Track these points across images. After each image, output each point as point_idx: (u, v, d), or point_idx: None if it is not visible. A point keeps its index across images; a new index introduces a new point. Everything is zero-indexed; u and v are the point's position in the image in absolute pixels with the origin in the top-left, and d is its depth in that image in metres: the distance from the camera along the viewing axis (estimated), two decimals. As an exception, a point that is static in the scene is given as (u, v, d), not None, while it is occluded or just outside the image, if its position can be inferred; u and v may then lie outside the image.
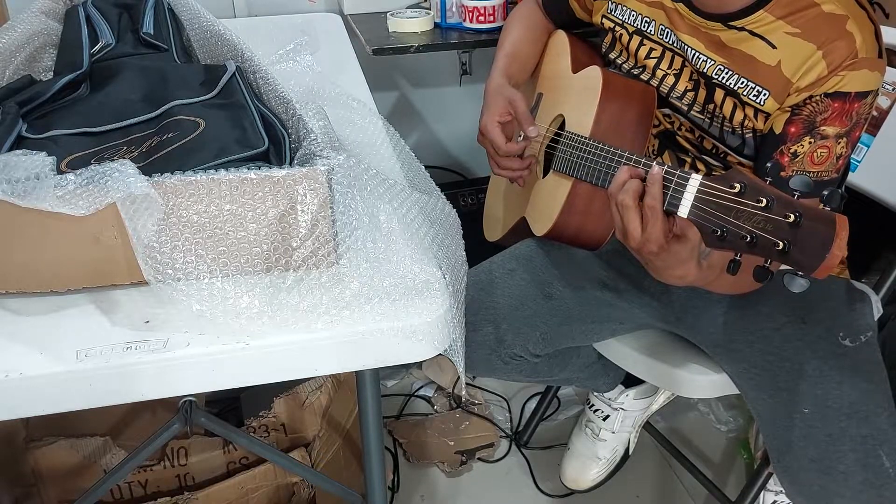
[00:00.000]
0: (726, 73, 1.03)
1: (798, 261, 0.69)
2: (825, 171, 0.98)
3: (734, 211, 0.73)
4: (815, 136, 0.97)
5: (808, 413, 1.05)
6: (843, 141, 0.97)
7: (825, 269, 0.68)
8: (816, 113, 0.96)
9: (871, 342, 1.10)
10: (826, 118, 0.96)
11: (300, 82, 1.16)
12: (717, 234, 0.74)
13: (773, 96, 0.99)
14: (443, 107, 2.07)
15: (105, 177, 0.67)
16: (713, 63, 1.04)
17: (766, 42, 0.99)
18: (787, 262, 0.70)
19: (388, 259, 0.77)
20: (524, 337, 1.21)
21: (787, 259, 0.70)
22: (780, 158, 0.99)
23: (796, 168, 0.98)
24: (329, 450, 1.33)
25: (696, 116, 1.09)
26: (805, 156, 0.98)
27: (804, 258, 0.69)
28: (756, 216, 0.72)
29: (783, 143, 0.99)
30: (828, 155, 0.97)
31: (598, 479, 1.58)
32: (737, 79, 1.02)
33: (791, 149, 0.98)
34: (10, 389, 0.66)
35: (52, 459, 1.20)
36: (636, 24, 1.14)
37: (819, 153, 0.97)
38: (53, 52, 1.14)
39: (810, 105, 0.97)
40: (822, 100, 0.96)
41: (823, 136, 0.97)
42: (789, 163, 0.98)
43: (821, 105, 0.96)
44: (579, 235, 1.13)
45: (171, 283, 0.70)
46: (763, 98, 1.00)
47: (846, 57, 0.94)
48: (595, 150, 1.04)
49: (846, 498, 1.02)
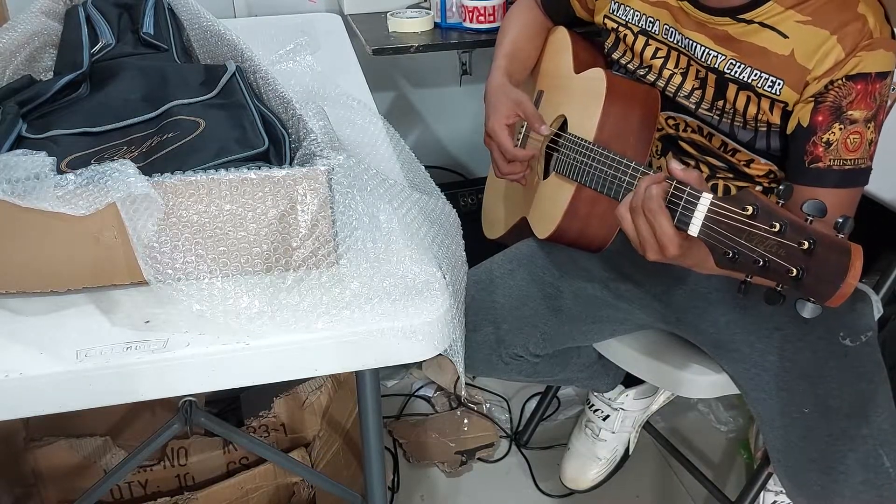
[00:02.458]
0: (739, 67, 1.02)
1: (812, 288, 0.69)
2: (861, 158, 0.98)
3: (746, 234, 0.73)
4: (844, 121, 0.96)
5: (809, 413, 1.05)
6: (871, 125, 0.97)
7: (840, 298, 0.68)
8: (841, 97, 0.96)
9: (872, 342, 1.10)
10: (851, 102, 0.96)
11: (300, 82, 1.16)
12: (729, 255, 0.74)
13: (789, 85, 0.99)
14: (443, 107, 2.07)
15: (105, 177, 0.67)
16: (724, 58, 1.04)
17: (777, 32, 0.99)
18: (800, 288, 0.69)
19: (388, 259, 0.77)
20: (524, 337, 1.21)
21: (801, 286, 0.69)
22: (814, 150, 0.98)
23: (832, 157, 0.97)
24: (329, 450, 1.33)
25: (705, 114, 1.09)
26: (839, 143, 0.97)
27: (818, 286, 0.68)
28: (769, 240, 0.71)
29: (814, 134, 0.98)
30: (860, 141, 0.97)
31: (597, 479, 1.58)
32: (750, 71, 1.02)
33: (823, 138, 0.97)
34: (10, 389, 0.66)
35: (52, 459, 1.20)
36: (640, 23, 1.14)
37: (852, 139, 0.97)
38: (53, 52, 1.14)
39: (833, 90, 0.96)
40: (844, 83, 0.96)
41: (852, 121, 0.96)
42: (824, 153, 0.98)
43: (844, 89, 0.96)
44: (581, 239, 1.13)
45: (171, 283, 0.70)
46: (778, 88, 1.00)
47: (861, 38, 0.94)
48: (599, 157, 1.04)
49: (846, 498, 1.02)
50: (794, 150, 1.01)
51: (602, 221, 1.10)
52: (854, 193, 1.00)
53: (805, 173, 0.99)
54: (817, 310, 0.70)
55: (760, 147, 1.07)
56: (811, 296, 0.69)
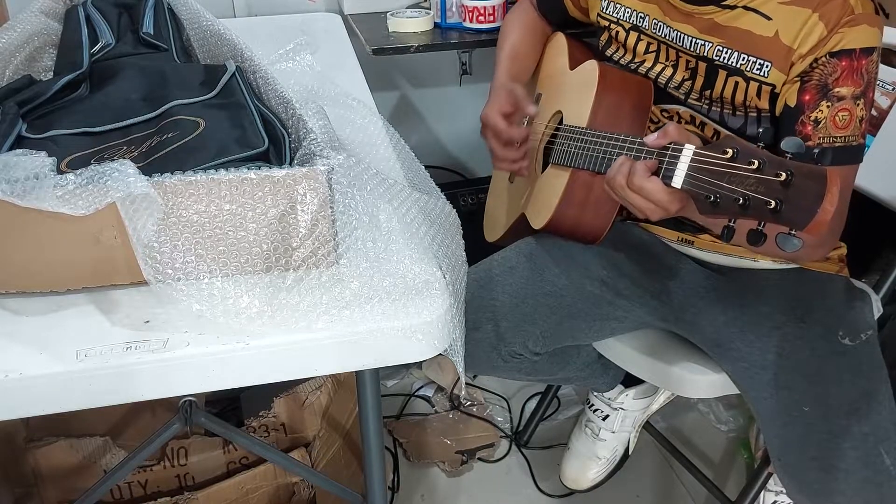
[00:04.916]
0: (726, 53, 1.03)
1: (790, 219, 0.69)
2: (851, 135, 0.98)
3: (727, 176, 0.73)
4: (831, 98, 0.97)
5: (809, 411, 1.05)
6: (860, 102, 0.97)
7: (817, 225, 0.68)
8: (826, 75, 0.96)
9: (872, 341, 1.10)
10: (837, 78, 0.96)
11: (300, 82, 1.16)
12: (711, 199, 0.75)
13: (776, 67, 0.99)
14: (443, 107, 2.07)
15: (105, 177, 0.67)
16: (711, 45, 1.04)
17: (760, 15, 1.00)
18: (779, 221, 0.70)
19: (388, 259, 0.77)
20: (524, 334, 1.21)
21: (780, 218, 0.70)
22: (803, 129, 0.98)
23: (822, 135, 0.97)
24: (329, 450, 1.33)
25: (695, 104, 1.11)
26: (827, 121, 0.97)
27: (796, 215, 0.68)
28: (748, 179, 0.72)
29: (802, 114, 0.98)
30: (850, 118, 0.97)
31: (597, 479, 1.58)
32: (738, 56, 1.02)
33: (811, 116, 0.98)
34: (10, 389, 0.66)
35: (52, 459, 1.20)
36: (631, 20, 1.15)
37: (840, 116, 0.97)
38: (53, 52, 1.14)
39: (818, 69, 0.97)
40: (828, 60, 0.96)
41: (840, 98, 0.96)
42: (813, 131, 0.98)
43: (828, 66, 0.96)
44: (578, 227, 1.13)
45: (171, 283, 0.70)
46: (766, 70, 1.00)
47: (843, 14, 0.95)
48: (592, 139, 1.04)
49: (847, 496, 1.02)
50: (784, 132, 1.02)
51: (598, 207, 1.10)
52: (849, 171, 1.00)
53: None
54: (798, 244, 0.69)
55: (752, 133, 1.07)
56: (791, 226, 0.69)
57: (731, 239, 0.75)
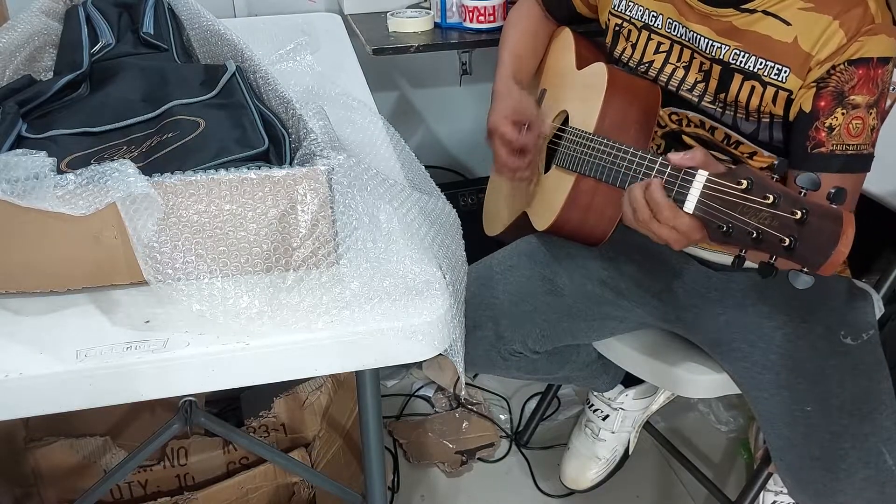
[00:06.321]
0: (743, 57, 1.03)
1: (804, 257, 0.69)
2: (863, 143, 0.98)
3: (740, 207, 0.73)
4: (847, 106, 0.97)
5: (810, 411, 1.05)
6: (873, 111, 0.97)
7: (831, 266, 0.68)
8: (843, 82, 0.96)
9: (873, 340, 1.10)
10: (853, 86, 0.96)
11: (300, 82, 1.16)
12: (723, 229, 0.74)
13: (794, 72, 0.99)
14: (443, 107, 2.07)
15: (105, 177, 0.67)
16: (728, 48, 1.04)
17: (779, 20, 1.00)
18: (792, 258, 0.70)
19: (388, 259, 0.77)
20: (524, 333, 1.21)
21: (793, 256, 0.70)
22: (817, 136, 0.98)
23: (835, 142, 0.97)
24: (329, 450, 1.33)
25: (708, 107, 1.09)
26: (841, 128, 0.97)
27: (810, 255, 0.69)
28: (762, 212, 0.72)
29: (817, 119, 0.98)
30: (863, 126, 0.97)
31: (597, 479, 1.58)
32: (755, 60, 1.02)
33: (826, 123, 0.98)
34: (10, 389, 0.66)
35: (52, 459, 1.20)
36: (644, 18, 1.14)
37: (854, 125, 0.97)
38: (53, 52, 1.14)
39: (835, 75, 0.97)
40: (845, 68, 0.96)
41: (854, 106, 0.97)
42: (827, 138, 0.98)
43: (846, 74, 0.96)
44: (581, 231, 1.12)
45: (171, 283, 0.70)
46: (784, 76, 1.00)
47: (863, 23, 0.95)
48: (599, 147, 1.04)
49: (849, 495, 1.02)
50: (797, 137, 1.01)
51: (601, 213, 1.10)
52: (857, 179, 1.00)
53: (808, 159, 0.99)
54: (810, 281, 0.70)
55: (763, 139, 1.07)
56: (804, 265, 0.69)
57: (742, 267, 0.75)
